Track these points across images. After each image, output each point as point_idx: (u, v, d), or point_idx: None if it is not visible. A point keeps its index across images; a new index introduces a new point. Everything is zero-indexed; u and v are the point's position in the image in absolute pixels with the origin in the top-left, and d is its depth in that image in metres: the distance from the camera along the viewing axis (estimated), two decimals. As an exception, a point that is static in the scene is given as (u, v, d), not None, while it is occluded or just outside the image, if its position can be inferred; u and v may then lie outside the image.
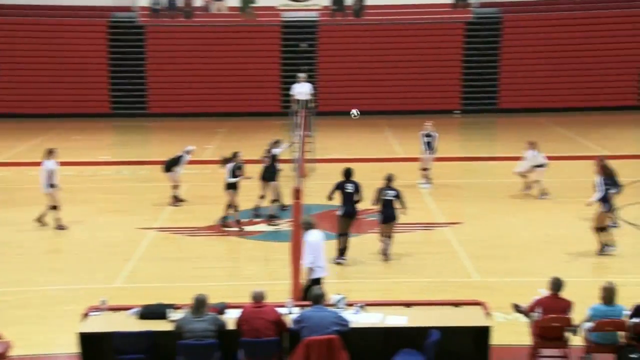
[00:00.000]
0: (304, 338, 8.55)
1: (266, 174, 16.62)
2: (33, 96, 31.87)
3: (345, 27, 33.12)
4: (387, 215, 13.76)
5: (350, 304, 9.47)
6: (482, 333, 9.13)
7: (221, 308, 9.31)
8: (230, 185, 15.72)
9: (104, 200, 18.79)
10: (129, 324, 9.10)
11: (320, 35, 33.03)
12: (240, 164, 15.85)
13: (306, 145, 18.96)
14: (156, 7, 33.32)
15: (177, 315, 9.12)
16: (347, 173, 13.90)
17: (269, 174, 16.61)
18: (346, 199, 13.74)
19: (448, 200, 18.39)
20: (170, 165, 17.72)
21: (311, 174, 20.36)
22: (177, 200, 17.91)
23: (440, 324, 8.93)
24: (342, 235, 13.81)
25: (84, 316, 9.37)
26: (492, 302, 9.85)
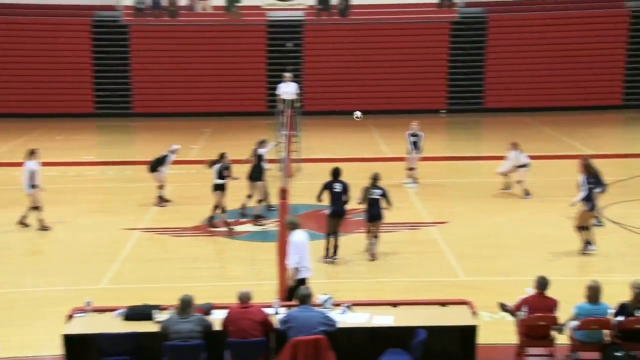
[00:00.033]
0: (291, 338, 8.53)
1: (253, 174, 16.59)
2: (15, 96, 31.61)
3: (330, 27, 33.09)
4: (373, 214, 13.77)
5: (336, 304, 9.47)
6: (468, 332, 9.15)
7: (207, 309, 9.27)
8: (218, 186, 15.66)
9: (88, 200, 18.67)
10: (114, 325, 9.04)
11: (305, 34, 32.98)
12: (228, 164, 15.80)
13: (292, 145, 18.93)
14: (140, 6, 33.13)
15: (162, 316, 9.07)
16: (335, 173, 13.90)
17: (256, 174, 16.58)
18: (334, 198, 13.72)
19: (434, 199, 18.41)
20: (155, 165, 17.64)
21: (297, 173, 20.34)
22: (162, 200, 17.84)
23: (427, 324, 8.94)
24: (331, 234, 13.80)
25: (69, 318, 9.29)
26: (478, 301, 9.86)
